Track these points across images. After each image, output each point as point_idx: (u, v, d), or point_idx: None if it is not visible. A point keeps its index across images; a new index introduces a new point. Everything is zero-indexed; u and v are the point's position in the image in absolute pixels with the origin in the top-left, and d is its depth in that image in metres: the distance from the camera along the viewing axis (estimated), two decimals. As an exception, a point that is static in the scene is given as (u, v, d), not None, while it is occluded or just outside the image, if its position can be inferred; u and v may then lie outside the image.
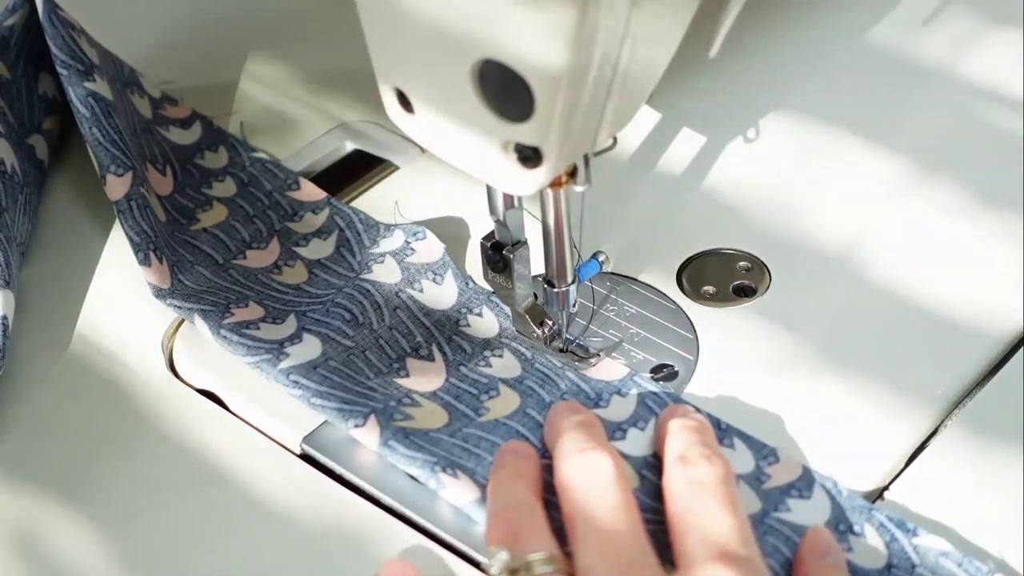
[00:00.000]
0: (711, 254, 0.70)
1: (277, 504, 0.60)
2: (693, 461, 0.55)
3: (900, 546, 0.55)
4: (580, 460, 0.55)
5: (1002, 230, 0.69)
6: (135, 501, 0.60)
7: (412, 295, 0.67)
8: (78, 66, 0.71)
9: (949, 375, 0.63)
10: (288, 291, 0.68)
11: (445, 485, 0.58)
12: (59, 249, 0.72)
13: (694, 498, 0.53)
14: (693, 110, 0.77)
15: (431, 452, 0.59)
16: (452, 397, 0.62)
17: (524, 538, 0.52)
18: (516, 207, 0.62)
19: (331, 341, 0.64)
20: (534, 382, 0.63)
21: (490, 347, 0.65)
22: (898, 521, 0.56)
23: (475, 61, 0.52)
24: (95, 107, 0.70)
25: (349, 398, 0.61)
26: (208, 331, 0.65)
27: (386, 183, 0.76)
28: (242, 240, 0.71)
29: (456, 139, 0.56)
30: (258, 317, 0.66)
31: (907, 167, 0.73)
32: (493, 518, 0.54)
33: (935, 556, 0.55)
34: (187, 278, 0.68)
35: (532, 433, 0.60)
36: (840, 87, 0.79)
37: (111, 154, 0.69)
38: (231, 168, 0.75)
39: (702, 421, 0.58)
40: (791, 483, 0.58)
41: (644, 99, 0.56)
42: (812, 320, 0.66)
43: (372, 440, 0.60)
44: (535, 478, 0.56)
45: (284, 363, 0.63)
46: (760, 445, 0.59)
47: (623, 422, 0.60)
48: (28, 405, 0.64)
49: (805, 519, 0.56)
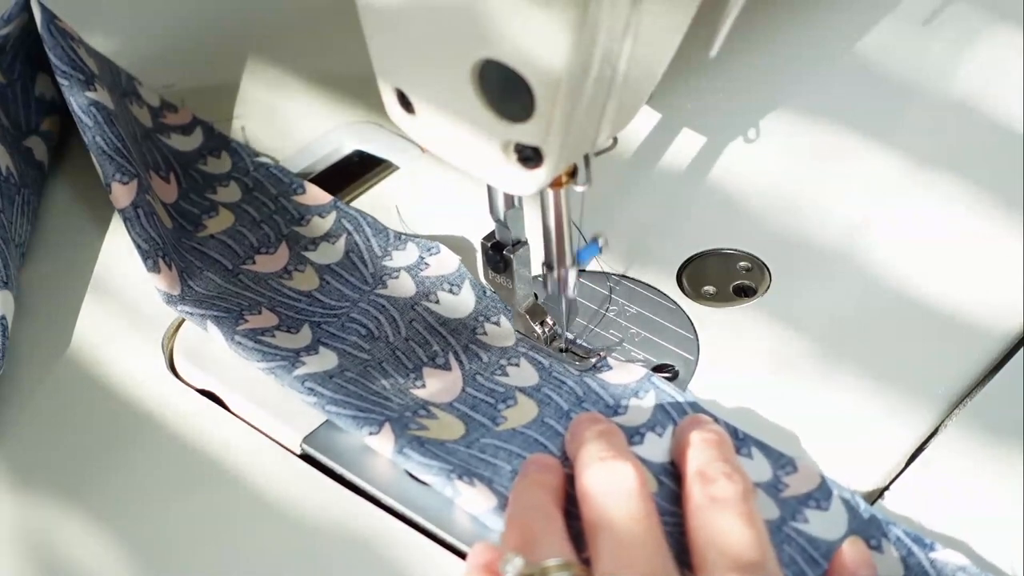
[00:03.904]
0: (711, 254, 0.69)
1: (277, 504, 0.60)
2: (713, 478, 0.55)
3: (917, 560, 0.55)
4: (602, 468, 0.55)
5: (1002, 230, 0.69)
6: (135, 501, 0.60)
7: (428, 307, 0.66)
8: (79, 76, 0.71)
9: (949, 375, 0.63)
10: (301, 298, 0.68)
11: (461, 493, 0.58)
12: (59, 249, 0.72)
13: (714, 514, 0.53)
14: (693, 110, 0.77)
15: (447, 460, 0.59)
16: (469, 408, 0.62)
17: (539, 544, 0.52)
18: (516, 207, 0.62)
19: (348, 356, 0.64)
20: (551, 390, 0.62)
21: (506, 355, 0.64)
22: (915, 536, 0.56)
23: (475, 61, 0.52)
24: (97, 116, 0.70)
25: (364, 406, 0.61)
26: (222, 337, 0.65)
27: (386, 183, 0.76)
28: (250, 245, 0.71)
29: (456, 139, 0.56)
30: (272, 325, 0.65)
31: (907, 167, 0.73)
32: (510, 524, 0.54)
33: (952, 571, 0.55)
34: (197, 284, 0.68)
35: (551, 441, 0.60)
36: (840, 87, 0.79)
37: (116, 163, 0.69)
38: (235, 173, 0.75)
39: (721, 434, 0.58)
40: (809, 493, 0.57)
41: (644, 99, 0.56)
42: (812, 320, 0.66)
43: (387, 448, 0.59)
44: (557, 488, 0.56)
45: (300, 370, 0.62)
46: (778, 455, 0.59)
47: (641, 427, 0.60)
48: (28, 405, 0.64)
49: (822, 531, 0.56)
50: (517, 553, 0.51)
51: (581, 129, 0.54)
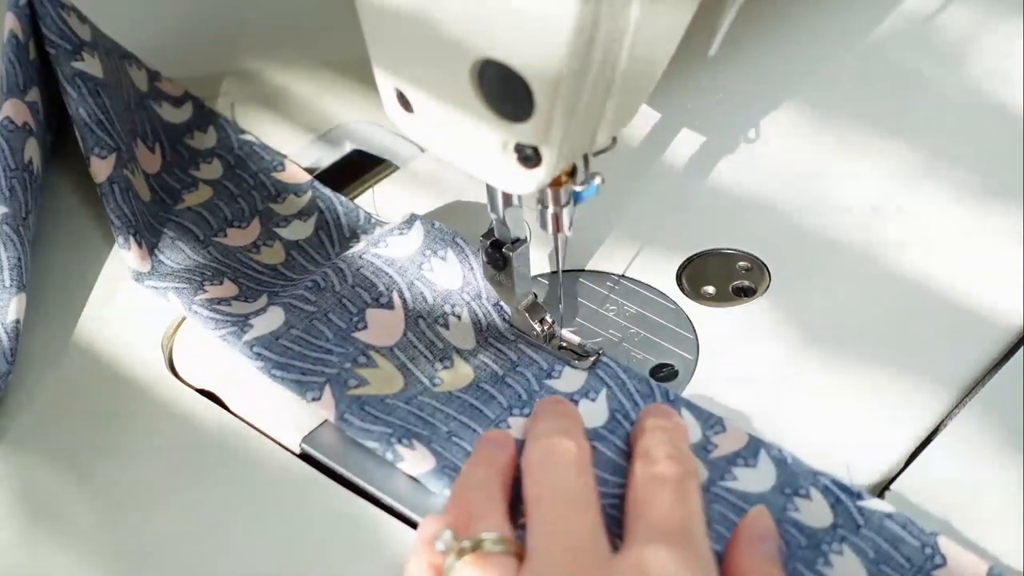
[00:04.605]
0: (711, 254, 0.69)
1: (277, 504, 0.60)
2: (656, 459, 0.56)
3: (846, 508, 0.56)
4: (545, 444, 0.56)
5: (1002, 229, 0.69)
6: (135, 500, 0.60)
7: (377, 252, 0.67)
8: (66, 45, 0.71)
9: (949, 376, 0.63)
10: (264, 271, 0.69)
11: (403, 458, 0.59)
12: (60, 249, 0.72)
13: (650, 490, 0.55)
14: (693, 110, 0.77)
15: (387, 423, 0.60)
16: (408, 358, 0.63)
17: (477, 520, 0.53)
18: (516, 205, 0.62)
19: (293, 309, 0.65)
20: (487, 356, 0.64)
21: (450, 302, 0.65)
22: (842, 485, 0.57)
23: (475, 61, 0.52)
24: (82, 87, 0.70)
25: (307, 367, 0.62)
26: (181, 307, 0.66)
27: (386, 183, 0.76)
28: (224, 218, 0.72)
29: (456, 139, 0.56)
30: (231, 295, 0.67)
31: (907, 166, 0.73)
32: (452, 501, 0.55)
33: (880, 518, 0.56)
34: (168, 256, 0.69)
35: (485, 405, 0.61)
36: (840, 86, 0.79)
37: (96, 136, 0.70)
38: (219, 149, 0.76)
39: (677, 424, 0.59)
40: (737, 452, 0.59)
41: (644, 99, 0.56)
42: (812, 320, 0.66)
43: (329, 414, 0.61)
44: (506, 465, 0.57)
45: (248, 335, 0.64)
46: (707, 415, 0.60)
47: (574, 393, 0.62)
48: (28, 405, 0.64)
49: (751, 486, 0.58)
50: (447, 528, 0.53)
51: (580, 129, 0.54)
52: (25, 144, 0.69)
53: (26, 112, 0.71)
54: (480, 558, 0.52)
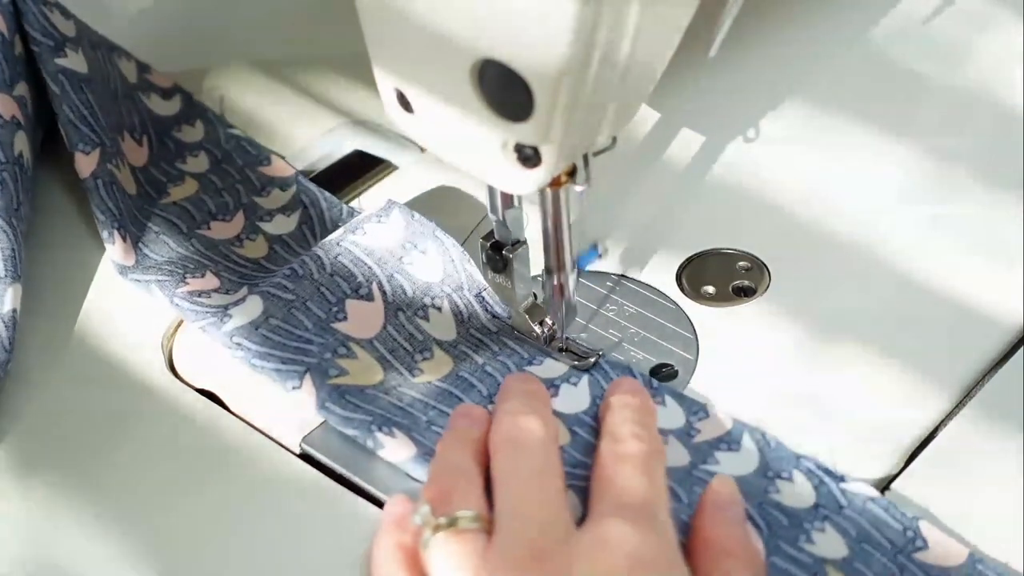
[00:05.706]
0: (711, 254, 0.70)
1: (277, 504, 0.60)
2: (622, 438, 0.57)
3: (828, 489, 0.57)
4: (511, 423, 0.57)
5: (1003, 229, 0.69)
6: (135, 500, 0.60)
7: (355, 240, 0.67)
8: (48, 42, 0.72)
9: (949, 376, 0.63)
10: (247, 264, 0.69)
11: (384, 445, 0.59)
12: (59, 248, 0.72)
13: (615, 467, 0.55)
14: (693, 110, 0.77)
15: (367, 412, 0.60)
16: (387, 351, 0.63)
17: (455, 498, 0.54)
18: (516, 206, 0.62)
19: (271, 297, 0.65)
20: (468, 347, 0.64)
21: (431, 294, 0.65)
22: (825, 468, 0.57)
23: (475, 61, 0.52)
24: (65, 83, 0.71)
25: (287, 356, 0.62)
26: (164, 299, 0.66)
27: (386, 183, 0.76)
28: (208, 212, 0.72)
29: (456, 139, 0.56)
30: (212, 288, 0.67)
31: (907, 166, 0.73)
32: (430, 480, 0.56)
33: (863, 500, 0.56)
34: (152, 250, 0.69)
35: (465, 394, 0.62)
36: (840, 86, 0.79)
37: (80, 132, 0.70)
38: (206, 143, 0.76)
39: (643, 401, 0.59)
40: (720, 437, 0.59)
41: (644, 99, 0.56)
42: (812, 320, 0.66)
43: (310, 403, 0.61)
44: (481, 442, 0.58)
45: (227, 325, 0.64)
46: (691, 402, 0.61)
47: (556, 379, 0.62)
48: (28, 405, 0.64)
49: (733, 469, 0.58)
50: (427, 504, 0.53)
51: (580, 129, 0.54)
52: (14, 138, 0.70)
53: (14, 106, 0.71)
54: (454, 534, 0.53)
